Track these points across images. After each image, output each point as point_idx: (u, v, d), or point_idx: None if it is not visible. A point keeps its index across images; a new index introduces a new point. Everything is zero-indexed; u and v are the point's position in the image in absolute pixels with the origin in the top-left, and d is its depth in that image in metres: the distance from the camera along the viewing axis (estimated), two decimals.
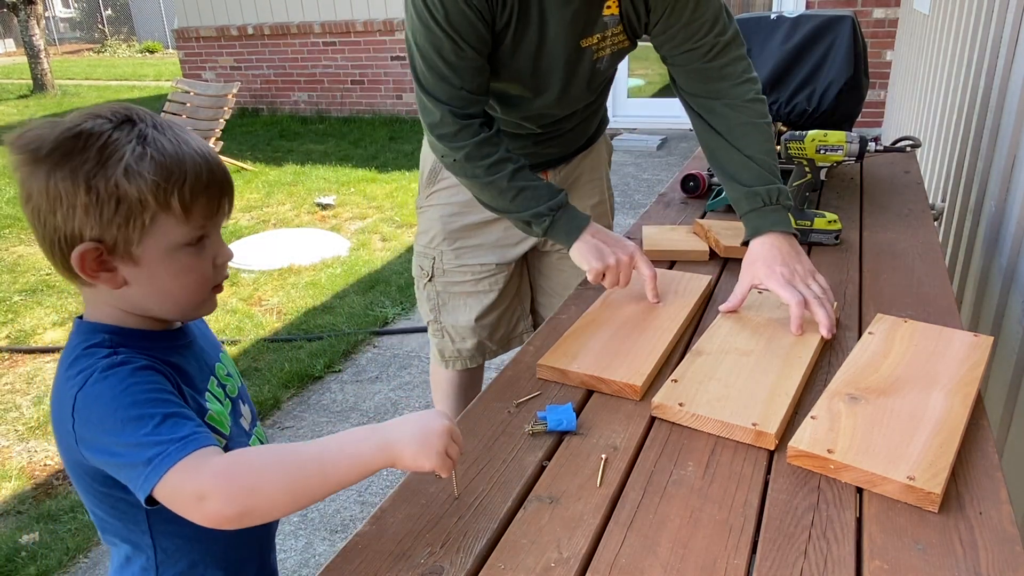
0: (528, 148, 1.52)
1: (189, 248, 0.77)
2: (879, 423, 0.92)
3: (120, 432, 0.70)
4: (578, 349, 1.14)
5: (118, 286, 0.77)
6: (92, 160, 0.71)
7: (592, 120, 1.57)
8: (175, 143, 0.75)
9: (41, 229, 0.75)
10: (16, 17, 10.43)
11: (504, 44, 1.25)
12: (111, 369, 0.73)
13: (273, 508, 0.71)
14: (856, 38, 1.88)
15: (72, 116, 0.73)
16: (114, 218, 0.72)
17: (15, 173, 0.75)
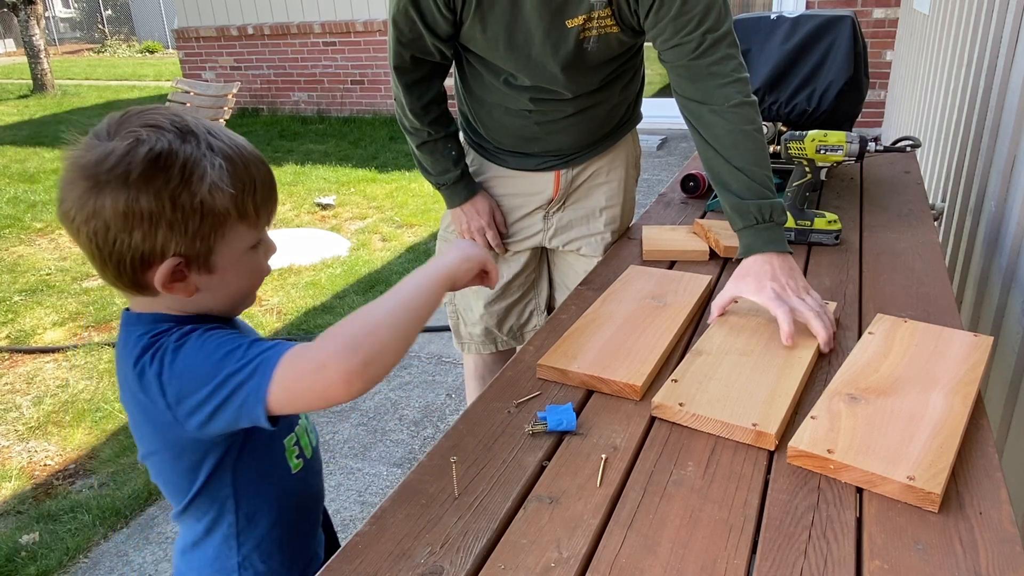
0: (532, 131, 1.53)
1: (253, 249, 0.82)
2: (879, 423, 0.92)
3: (217, 373, 0.73)
4: (578, 349, 1.14)
5: (190, 295, 0.79)
6: (176, 179, 0.73)
7: (602, 111, 1.55)
8: (233, 148, 0.78)
9: (107, 247, 0.75)
10: (16, 17, 10.43)
11: (471, 12, 1.32)
12: (183, 338, 0.77)
13: (385, 351, 0.75)
14: (856, 38, 1.88)
15: (140, 132, 0.73)
16: (197, 231, 0.75)
17: (69, 188, 0.74)
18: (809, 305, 1.15)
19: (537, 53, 1.37)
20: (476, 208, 1.62)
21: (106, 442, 2.56)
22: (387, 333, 0.75)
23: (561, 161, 1.60)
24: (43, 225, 4.97)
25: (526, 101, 1.47)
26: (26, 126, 8.78)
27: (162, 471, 0.87)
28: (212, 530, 0.90)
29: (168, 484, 0.89)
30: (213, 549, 0.91)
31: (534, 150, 1.58)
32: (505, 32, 1.35)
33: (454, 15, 1.34)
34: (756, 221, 1.23)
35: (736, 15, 2.07)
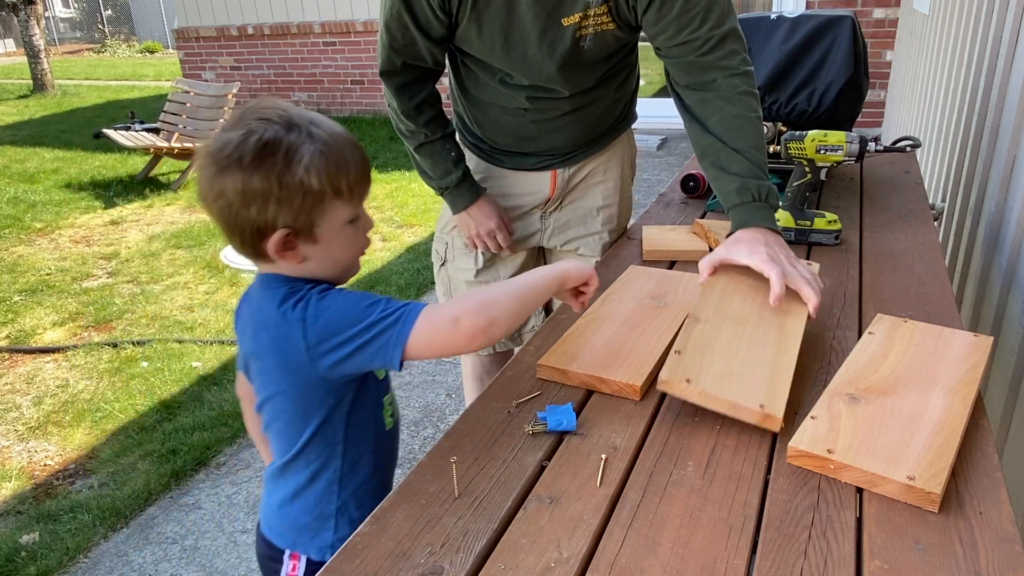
0: (529, 130, 1.52)
1: (351, 223, 0.94)
2: (879, 423, 0.92)
3: (363, 318, 0.87)
4: (578, 349, 1.14)
5: (300, 262, 0.93)
6: (280, 162, 0.86)
7: (599, 109, 1.55)
8: (331, 137, 0.91)
9: (231, 220, 0.89)
10: (16, 17, 10.43)
11: (466, 15, 1.32)
12: (325, 291, 0.91)
13: (506, 319, 0.92)
14: (856, 38, 1.88)
15: (252, 124, 0.87)
16: (300, 206, 0.88)
17: (200, 174, 0.89)
18: (800, 272, 1.15)
19: (533, 52, 1.37)
20: (483, 212, 1.59)
21: (106, 442, 2.57)
22: (509, 303, 0.93)
23: (557, 160, 1.60)
24: (43, 225, 4.97)
25: (522, 100, 1.47)
26: (26, 126, 8.78)
27: (282, 413, 0.98)
28: (318, 476, 1.00)
29: (285, 427, 0.99)
30: (315, 496, 1.01)
31: (530, 149, 1.58)
32: (501, 33, 1.35)
33: (449, 17, 1.34)
34: (753, 199, 1.24)
35: (736, 15, 2.06)
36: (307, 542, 1.03)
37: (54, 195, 5.65)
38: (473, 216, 1.59)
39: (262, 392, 0.99)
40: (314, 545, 1.02)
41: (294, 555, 1.03)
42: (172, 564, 2.02)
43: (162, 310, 3.60)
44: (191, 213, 5.18)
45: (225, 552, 2.05)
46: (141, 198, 5.53)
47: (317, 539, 1.02)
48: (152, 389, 2.88)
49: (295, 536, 1.03)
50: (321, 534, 1.02)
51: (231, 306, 3.60)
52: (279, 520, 1.05)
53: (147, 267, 4.18)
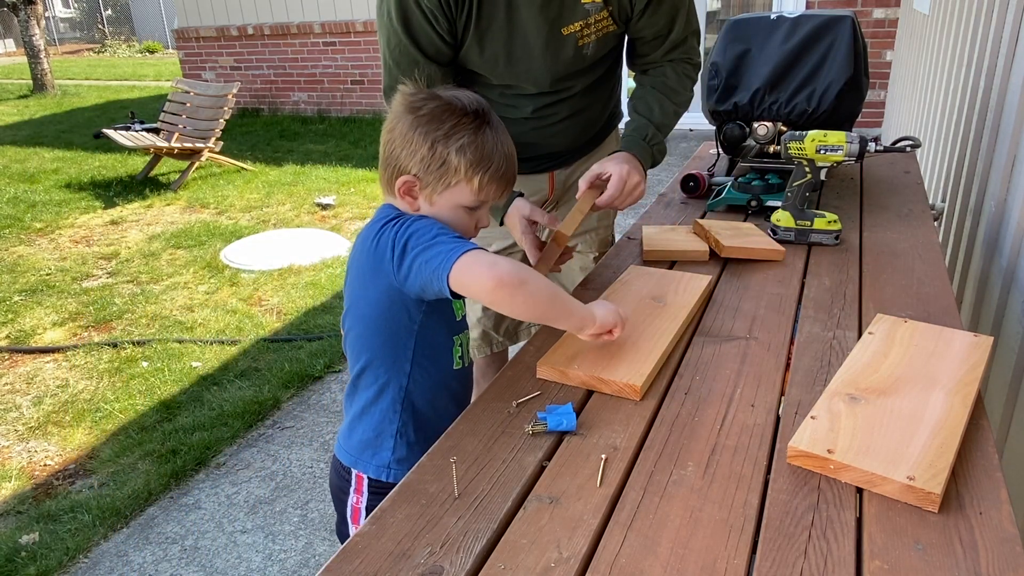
0: (529, 138, 1.53)
1: (468, 209, 1.09)
2: (879, 423, 0.92)
3: (433, 238, 0.99)
4: (578, 349, 1.14)
5: (414, 210, 1.08)
6: (442, 131, 1.03)
7: (593, 112, 1.57)
8: (494, 142, 1.06)
9: (386, 153, 1.07)
10: (16, 17, 10.43)
11: (469, 36, 1.34)
12: (421, 218, 1.04)
13: (532, 298, 1.00)
14: (856, 38, 1.87)
15: (446, 94, 1.06)
16: (435, 172, 1.04)
17: (395, 106, 1.07)
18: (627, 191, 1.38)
19: (537, 64, 1.39)
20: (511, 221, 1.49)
21: (106, 442, 2.57)
22: (543, 290, 1.01)
23: (554, 163, 1.61)
24: (43, 225, 4.97)
25: (527, 108, 1.48)
26: (26, 126, 8.78)
27: (361, 318, 1.11)
28: (383, 391, 1.12)
29: (362, 332, 1.11)
30: (380, 412, 1.13)
31: (529, 155, 1.59)
32: (504, 49, 1.37)
33: (455, 39, 1.35)
34: (644, 139, 1.48)
35: (736, 15, 2.07)
36: (368, 460, 1.14)
37: (54, 195, 5.65)
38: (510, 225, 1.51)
39: (350, 297, 1.12)
40: (373, 463, 1.14)
41: (359, 476, 1.15)
42: (172, 564, 2.02)
43: (162, 310, 3.60)
44: (191, 213, 5.18)
45: (225, 552, 2.05)
46: (141, 198, 5.53)
47: (376, 457, 1.14)
48: (152, 389, 2.88)
49: (359, 453, 1.15)
50: (380, 453, 1.14)
51: (231, 306, 3.61)
52: (347, 437, 1.17)
53: (147, 267, 4.18)
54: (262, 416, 2.70)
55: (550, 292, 1.03)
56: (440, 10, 1.29)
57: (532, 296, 1.00)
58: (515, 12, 1.32)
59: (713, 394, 1.06)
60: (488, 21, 1.33)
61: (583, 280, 1.49)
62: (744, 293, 1.38)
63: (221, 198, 5.47)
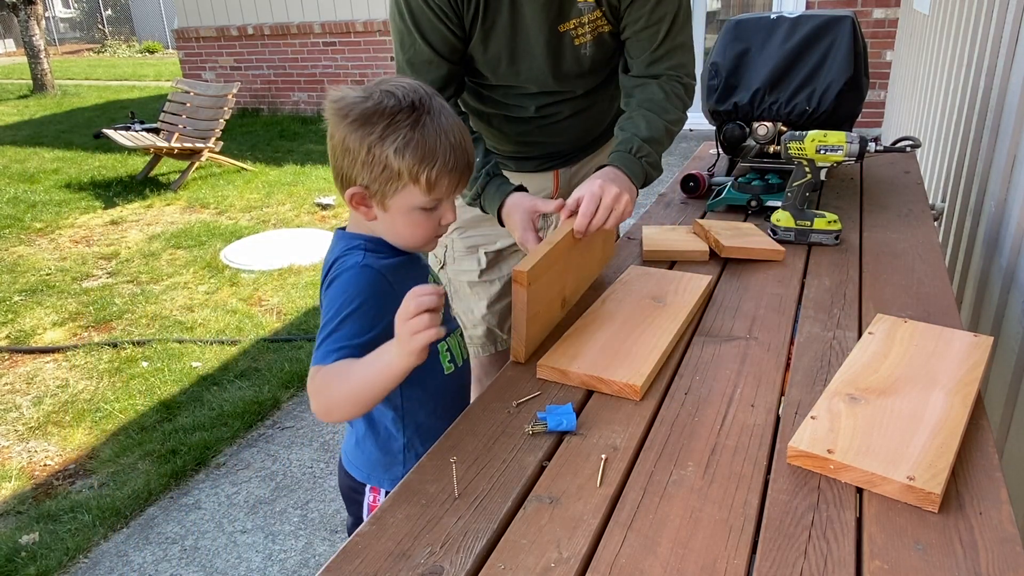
0: (533, 136, 1.54)
1: (425, 210, 1.02)
2: (879, 423, 0.92)
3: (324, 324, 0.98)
4: (578, 349, 1.14)
5: (370, 219, 1.03)
6: (377, 134, 0.95)
7: (597, 111, 1.57)
8: (436, 134, 0.97)
9: (333, 162, 1.01)
10: (16, 17, 10.42)
11: (476, 34, 1.35)
12: (347, 270, 1.00)
13: (344, 414, 1.01)
14: (856, 38, 1.87)
15: (377, 91, 0.97)
16: (379, 178, 0.98)
17: (326, 113, 1.00)
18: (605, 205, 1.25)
19: (539, 64, 1.40)
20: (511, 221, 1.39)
21: (106, 442, 2.57)
22: (348, 408, 0.98)
23: (558, 161, 1.61)
24: (43, 225, 4.97)
25: (530, 107, 1.49)
26: (26, 126, 8.78)
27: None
28: (383, 414, 1.11)
29: None
30: (384, 432, 1.12)
31: (533, 153, 1.59)
32: (507, 49, 1.37)
33: (465, 35, 1.36)
34: (629, 151, 1.37)
35: (736, 15, 2.07)
36: (381, 475, 1.15)
37: (54, 195, 5.65)
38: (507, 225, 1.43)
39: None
40: (387, 478, 1.14)
41: (373, 488, 1.16)
42: (172, 564, 2.02)
43: (162, 310, 3.60)
44: (191, 213, 5.18)
45: (225, 552, 2.05)
46: (141, 198, 5.53)
47: (389, 473, 1.14)
48: (152, 389, 2.88)
49: (370, 470, 1.16)
50: (392, 468, 1.14)
51: (231, 306, 3.61)
52: (355, 455, 1.18)
53: (147, 267, 4.18)
54: (262, 416, 2.70)
55: (348, 389, 0.95)
56: (449, 6, 1.31)
57: (340, 400, 0.96)
58: (518, 12, 1.33)
59: (713, 394, 1.06)
60: (492, 20, 1.34)
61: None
62: (744, 293, 1.38)
63: (221, 198, 5.47)
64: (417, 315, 0.87)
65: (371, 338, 0.97)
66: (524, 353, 1.15)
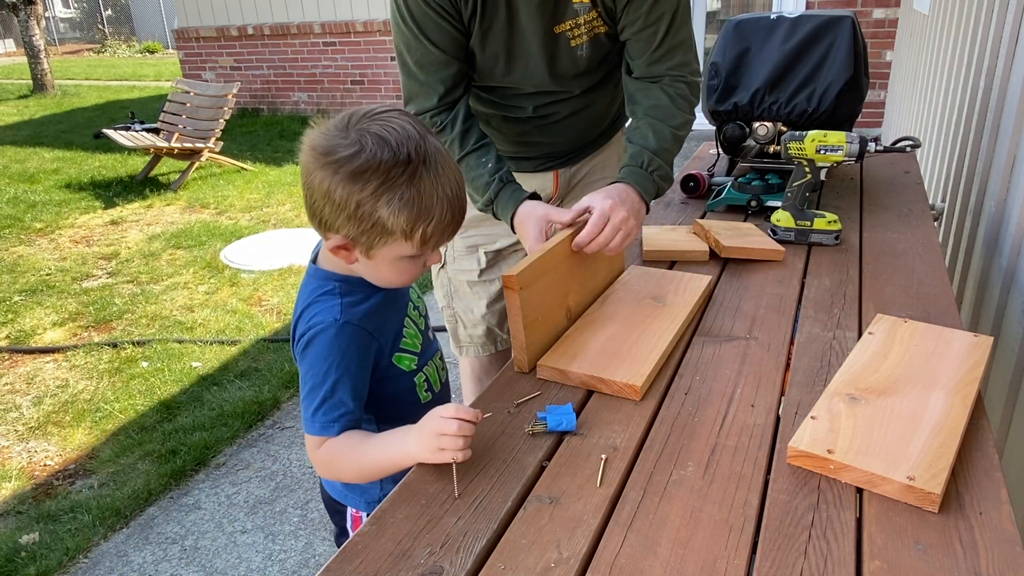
0: (532, 136, 1.54)
1: (411, 258, 0.96)
2: (879, 423, 0.92)
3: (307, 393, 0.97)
4: (578, 349, 1.14)
5: (350, 263, 0.98)
6: (368, 191, 0.88)
7: (597, 111, 1.57)
8: (432, 188, 0.91)
9: (310, 202, 0.93)
10: (16, 17, 10.42)
11: (474, 33, 1.34)
12: (324, 330, 0.96)
13: (348, 481, 1.09)
14: (856, 38, 1.87)
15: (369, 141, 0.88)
16: (367, 231, 0.91)
17: (304, 152, 0.91)
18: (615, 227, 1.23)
19: (535, 64, 1.40)
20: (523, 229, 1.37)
21: (106, 442, 2.56)
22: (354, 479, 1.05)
23: (558, 161, 1.61)
24: (43, 225, 4.97)
25: (528, 107, 1.49)
26: (26, 126, 8.78)
27: None
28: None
29: None
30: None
31: (532, 153, 1.59)
32: (504, 49, 1.37)
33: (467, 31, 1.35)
34: (641, 166, 1.36)
35: (736, 15, 2.07)
36: (357, 498, 1.16)
37: (54, 195, 5.65)
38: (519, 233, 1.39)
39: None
40: (363, 500, 1.16)
41: (355, 511, 1.18)
42: (172, 564, 2.02)
43: (162, 310, 3.60)
44: (191, 213, 5.18)
45: (225, 552, 2.05)
46: (141, 198, 5.53)
47: (365, 495, 1.15)
48: (152, 389, 2.88)
49: (347, 491, 1.17)
50: (368, 491, 1.15)
51: (231, 306, 3.60)
52: (340, 490, 1.19)
53: (147, 267, 4.18)
54: (262, 416, 2.70)
55: (357, 462, 0.97)
56: (449, 3, 1.31)
57: (348, 474, 1.02)
58: (515, 13, 1.34)
59: (713, 394, 1.06)
60: (490, 21, 1.34)
61: None
62: (744, 293, 1.38)
63: (221, 198, 5.47)
64: (454, 435, 0.87)
65: (363, 397, 1.00)
66: (527, 362, 1.13)
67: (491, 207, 1.41)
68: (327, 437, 0.96)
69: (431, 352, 1.15)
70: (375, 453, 0.96)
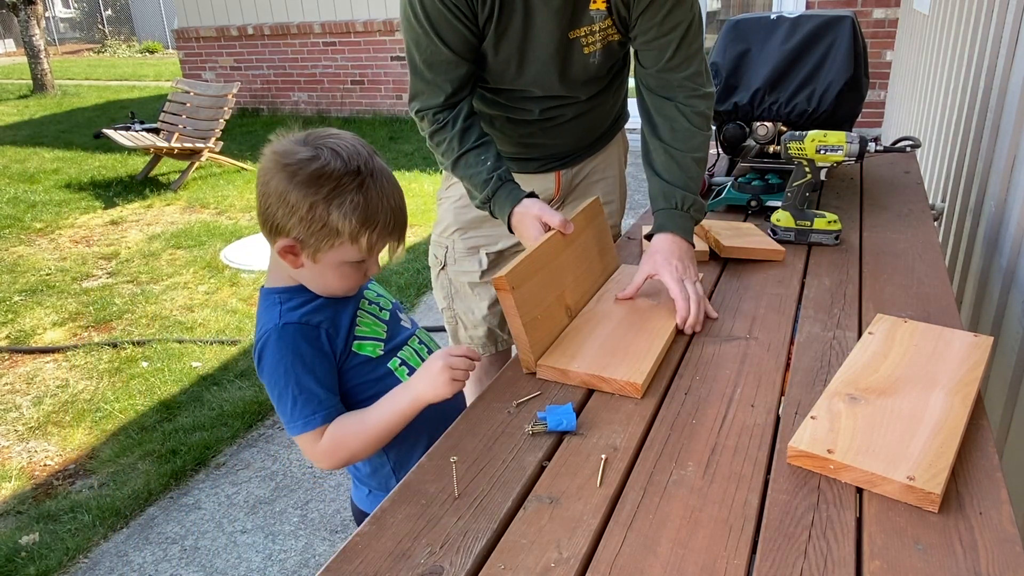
0: (536, 138, 1.54)
1: (354, 264, 1.04)
2: (879, 423, 0.92)
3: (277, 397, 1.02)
4: (577, 348, 1.14)
5: (296, 267, 1.04)
6: (322, 195, 0.97)
7: (600, 113, 1.58)
8: (379, 198, 1.00)
9: (263, 207, 1.00)
10: (16, 17, 10.43)
11: (488, 36, 1.33)
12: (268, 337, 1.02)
13: (361, 458, 1.08)
14: (856, 38, 1.88)
15: (325, 151, 0.98)
16: (316, 233, 0.99)
17: (263, 159, 1.00)
18: (696, 293, 1.26)
19: (547, 69, 1.39)
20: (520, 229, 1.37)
21: (106, 442, 2.56)
22: (363, 452, 1.06)
23: (560, 162, 1.61)
24: (43, 225, 4.97)
25: (534, 110, 1.49)
26: (26, 126, 8.78)
27: None
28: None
29: None
30: (370, 466, 1.17)
31: (535, 155, 1.59)
32: (517, 52, 1.37)
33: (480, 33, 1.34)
34: (675, 206, 1.37)
35: (736, 15, 2.07)
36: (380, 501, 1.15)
37: (54, 195, 5.65)
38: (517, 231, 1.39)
39: None
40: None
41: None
42: (172, 564, 2.02)
43: (162, 310, 3.60)
44: (191, 213, 5.18)
45: (225, 552, 2.05)
46: (141, 198, 5.53)
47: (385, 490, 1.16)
48: (152, 389, 2.88)
49: (373, 497, 1.19)
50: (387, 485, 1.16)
51: (231, 306, 3.60)
52: (358, 491, 1.24)
53: (147, 267, 4.18)
54: (262, 416, 2.70)
55: (366, 431, 1.03)
56: (466, 3, 1.29)
57: (360, 448, 1.04)
58: (531, 17, 1.32)
59: (713, 394, 1.06)
60: (506, 24, 1.33)
61: None
62: (744, 293, 1.38)
63: (221, 198, 5.47)
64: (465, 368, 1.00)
65: (333, 387, 1.05)
66: (534, 361, 1.13)
67: (488, 204, 1.41)
68: (314, 430, 1.01)
69: (404, 337, 1.17)
70: (381, 414, 1.03)
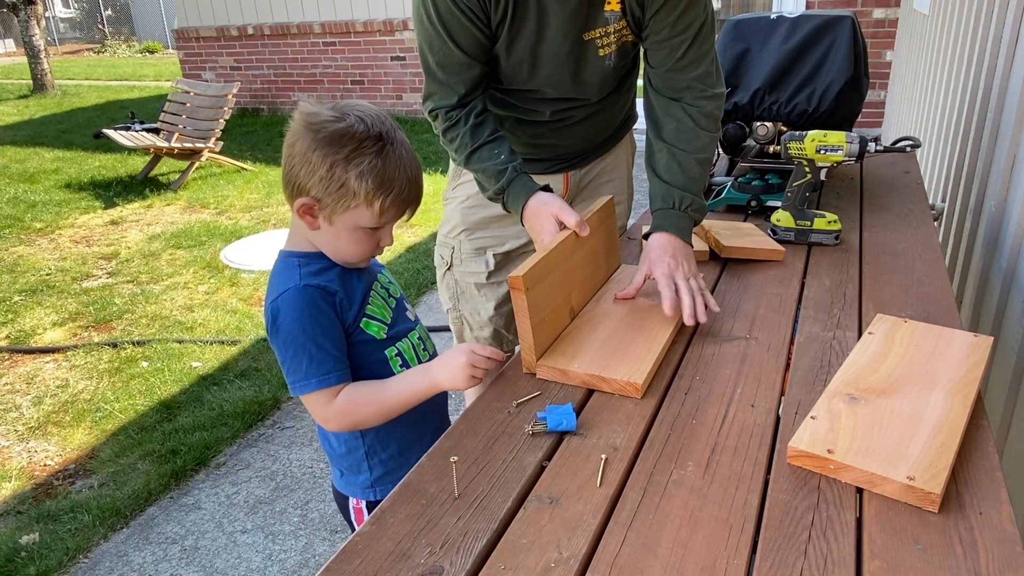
0: (546, 139, 1.54)
1: (368, 230, 1.07)
2: (879, 423, 0.92)
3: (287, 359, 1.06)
4: (577, 348, 1.14)
5: (313, 229, 1.07)
6: (342, 155, 1.00)
7: (610, 114, 1.58)
8: (396, 165, 1.04)
9: (287, 168, 1.04)
10: (16, 17, 10.42)
11: (501, 37, 1.33)
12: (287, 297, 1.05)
13: (368, 426, 1.13)
14: (856, 38, 1.88)
15: (351, 115, 1.02)
16: (334, 194, 1.02)
17: (294, 123, 1.03)
18: (690, 287, 1.24)
19: (560, 71, 1.39)
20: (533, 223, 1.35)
21: (106, 442, 2.56)
22: (375, 420, 1.11)
23: (569, 163, 1.61)
24: (43, 225, 4.97)
25: (545, 111, 1.48)
26: (26, 126, 8.78)
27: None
28: (353, 451, 1.19)
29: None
30: (345, 446, 1.19)
31: (544, 156, 1.59)
32: (530, 54, 1.36)
33: (493, 35, 1.33)
34: (673, 206, 1.36)
35: (736, 15, 2.07)
36: (352, 483, 1.22)
37: (54, 195, 5.65)
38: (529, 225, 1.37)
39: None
40: (357, 485, 1.21)
41: (356, 501, 1.23)
42: (172, 564, 2.02)
43: (162, 310, 3.60)
44: (191, 213, 5.18)
45: (225, 552, 2.05)
46: (141, 198, 5.53)
47: (358, 479, 1.21)
48: (152, 389, 2.88)
49: (346, 481, 1.23)
50: (359, 476, 1.20)
51: (231, 306, 3.60)
52: (335, 468, 1.25)
53: (147, 267, 4.18)
54: (262, 416, 2.70)
55: (381, 402, 1.08)
56: (479, 5, 1.28)
57: (371, 416, 1.09)
58: (545, 19, 1.31)
59: (713, 394, 1.06)
60: (519, 27, 1.32)
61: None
62: (744, 293, 1.38)
63: (221, 198, 5.47)
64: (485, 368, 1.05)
65: (344, 350, 1.09)
66: (536, 363, 1.13)
67: (502, 196, 1.39)
68: (329, 388, 1.05)
69: (406, 328, 1.20)
70: (399, 389, 1.09)
